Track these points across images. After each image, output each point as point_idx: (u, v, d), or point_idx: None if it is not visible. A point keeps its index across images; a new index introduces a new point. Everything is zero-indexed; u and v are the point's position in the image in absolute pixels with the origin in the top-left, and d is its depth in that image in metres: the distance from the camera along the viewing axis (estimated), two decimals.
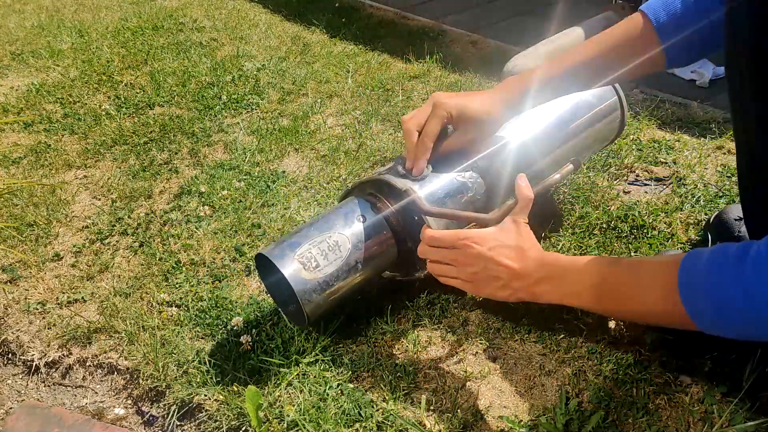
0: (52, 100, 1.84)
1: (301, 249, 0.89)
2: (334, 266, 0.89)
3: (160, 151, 1.55)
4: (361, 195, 0.99)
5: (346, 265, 0.90)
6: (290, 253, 0.89)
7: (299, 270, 0.87)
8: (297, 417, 0.85)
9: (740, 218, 1.00)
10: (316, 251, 0.89)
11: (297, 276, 0.87)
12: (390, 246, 0.95)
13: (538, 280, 0.78)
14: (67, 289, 1.16)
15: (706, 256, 0.62)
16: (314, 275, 0.88)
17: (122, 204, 1.37)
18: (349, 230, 0.92)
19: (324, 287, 0.89)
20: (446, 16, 2.33)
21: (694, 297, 0.63)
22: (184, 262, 1.18)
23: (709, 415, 0.80)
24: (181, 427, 0.94)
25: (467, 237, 0.82)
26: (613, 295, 0.73)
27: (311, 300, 0.89)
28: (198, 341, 1.02)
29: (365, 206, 0.96)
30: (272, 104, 1.73)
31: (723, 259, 0.60)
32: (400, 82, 1.77)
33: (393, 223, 0.95)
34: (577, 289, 0.76)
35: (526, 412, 0.84)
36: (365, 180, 0.99)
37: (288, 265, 0.88)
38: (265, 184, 1.37)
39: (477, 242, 0.81)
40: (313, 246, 0.90)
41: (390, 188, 0.94)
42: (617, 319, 0.92)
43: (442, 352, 0.95)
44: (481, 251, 0.81)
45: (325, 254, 0.89)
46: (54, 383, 1.06)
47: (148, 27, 2.34)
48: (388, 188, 0.95)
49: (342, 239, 0.91)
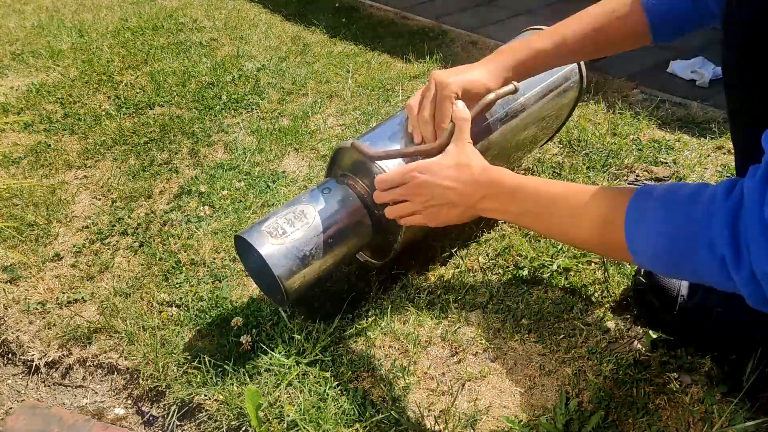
0: (52, 100, 1.84)
1: (268, 221, 0.93)
2: (300, 232, 0.92)
3: (160, 151, 1.55)
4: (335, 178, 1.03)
5: (314, 230, 0.93)
6: (258, 226, 0.93)
7: (266, 238, 0.90)
8: (297, 417, 0.85)
9: None
10: (282, 221, 0.93)
11: (264, 243, 0.90)
12: (358, 213, 0.98)
13: (484, 197, 0.79)
14: (67, 289, 1.16)
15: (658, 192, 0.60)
16: (281, 241, 0.91)
17: (122, 204, 1.37)
18: (314, 201, 0.96)
19: (294, 252, 0.91)
20: (446, 16, 2.33)
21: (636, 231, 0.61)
22: (184, 262, 1.18)
23: (709, 415, 0.80)
24: (181, 427, 0.94)
25: (412, 169, 0.84)
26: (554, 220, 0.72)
27: (284, 265, 0.90)
28: (198, 341, 1.02)
29: (331, 182, 1.00)
30: (272, 104, 1.73)
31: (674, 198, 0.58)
32: (400, 82, 1.77)
33: (358, 190, 0.98)
34: (520, 209, 0.76)
35: (526, 412, 0.84)
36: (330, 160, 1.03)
37: (255, 236, 0.91)
38: (265, 184, 1.37)
39: (421, 171, 0.83)
40: (279, 217, 0.93)
41: (350, 158, 0.98)
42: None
43: (442, 352, 0.95)
44: (426, 178, 0.82)
45: (291, 222, 0.93)
46: (54, 383, 1.06)
47: (148, 27, 2.34)
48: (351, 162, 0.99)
49: (308, 209, 0.94)
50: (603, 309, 0.97)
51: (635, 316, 0.95)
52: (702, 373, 0.85)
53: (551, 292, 1.01)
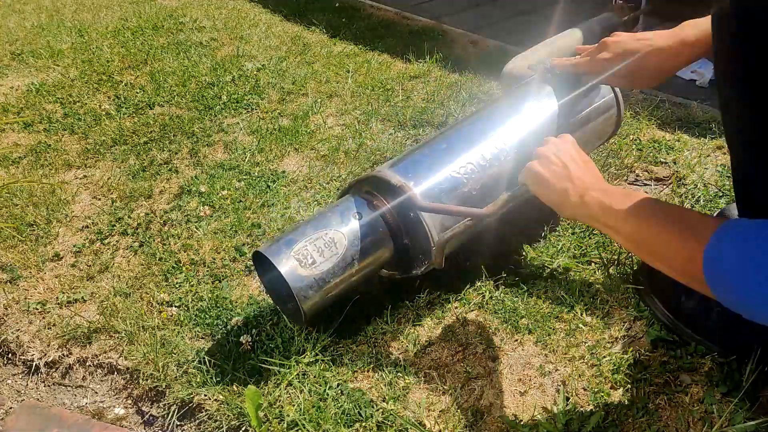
0: (52, 100, 1.84)
1: (297, 246, 0.90)
2: (330, 263, 0.90)
3: (160, 151, 1.55)
4: (358, 193, 0.99)
5: (342, 262, 0.91)
6: (286, 250, 0.90)
7: (296, 267, 0.88)
8: (297, 417, 0.85)
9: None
10: (312, 248, 0.90)
11: (293, 273, 0.88)
12: (386, 242, 0.96)
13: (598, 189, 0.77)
14: (67, 289, 1.16)
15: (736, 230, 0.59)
16: (310, 272, 0.89)
17: (122, 204, 1.37)
18: (345, 227, 0.93)
19: (320, 284, 0.89)
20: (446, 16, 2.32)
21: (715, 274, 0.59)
22: (184, 262, 1.18)
23: (709, 415, 0.80)
24: (181, 427, 0.94)
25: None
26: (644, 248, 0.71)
27: (308, 296, 0.89)
28: (198, 341, 1.02)
29: (361, 204, 0.96)
30: (272, 104, 1.73)
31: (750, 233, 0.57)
32: (400, 82, 1.77)
33: (389, 219, 0.96)
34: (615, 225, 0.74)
35: (526, 412, 0.84)
36: (362, 178, 0.99)
37: (284, 262, 0.88)
38: (265, 184, 1.37)
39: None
40: (309, 243, 0.90)
41: (385, 185, 0.95)
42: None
43: (442, 352, 0.95)
44: (566, 145, 0.84)
45: (321, 251, 0.90)
46: (54, 383, 1.06)
47: (148, 27, 2.34)
48: (383, 185, 0.95)
49: (338, 236, 0.92)
50: (603, 309, 0.97)
51: (635, 316, 0.95)
52: (702, 373, 0.85)
53: (551, 292, 1.01)
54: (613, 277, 1.01)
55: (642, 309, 0.95)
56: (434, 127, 1.54)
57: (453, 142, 0.99)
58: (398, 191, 0.92)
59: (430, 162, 0.96)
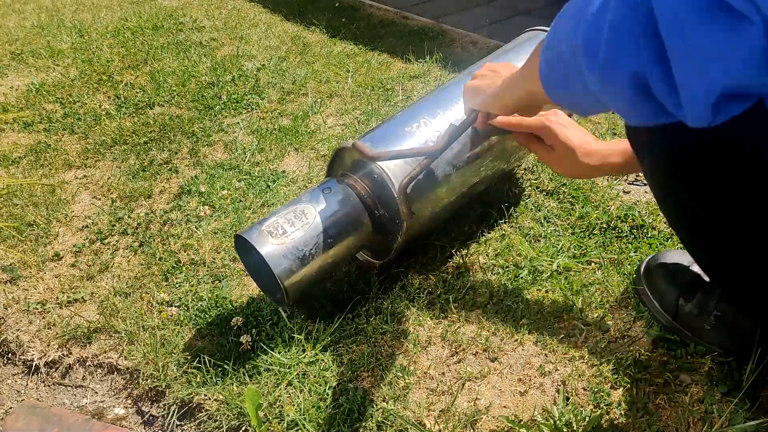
0: (52, 99, 1.84)
1: (269, 221, 0.93)
2: (301, 231, 0.92)
3: (160, 150, 1.55)
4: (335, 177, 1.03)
5: (314, 230, 0.93)
6: (258, 226, 0.93)
7: (266, 237, 0.90)
8: (297, 417, 0.85)
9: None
10: (283, 220, 0.93)
11: (264, 243, 0.90)
12: (360, 214, 0.98)
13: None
14: (67, 289, 1.16)
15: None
16: (281, 240, 0.91)
17: (122, 204, 1.37)
18: (315, 202, 0.96)
19: (294, 252, 0.91)
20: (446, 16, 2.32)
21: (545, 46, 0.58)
22: (184, 262, 1.18)
23: (709, 415, 0.80)
24: (181, 427, 0.94)
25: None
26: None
27: (283, 265, 0.90)
28: (198, 341, 1.02)
29: (332, 182, 1.00)
30: (272, 104, 1.73)
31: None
32: (400, 81, 1.77)
33: (360, 192, 0.98)
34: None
35: (526, 412, 0.84)
36: (330, 159, 1.04)
37: (255, 235, 0.91)
38: (265, 183, 1.37)
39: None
40: (279, 217, 0.94)
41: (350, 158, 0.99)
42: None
43: (442, 352, 0.95)
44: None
45: (292, 221, 0.93)
46: (54, 383, 1.06)
47: (148, 27, 2.34)
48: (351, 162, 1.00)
49: (308, 208, 0.95)
50: (603, 309, 0.97)
51: (635, 316, 0.95)
52: (702, 373, 0.85)
53: (551, 292, 1.01)
54: (612, 277, 1.01)
55: (642, 309, 0.95)
56: None
57: (414, 111, 1.05)
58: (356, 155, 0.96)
59: (390, 128, 1.02)
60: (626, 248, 1.07)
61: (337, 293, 1.08)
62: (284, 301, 0.94)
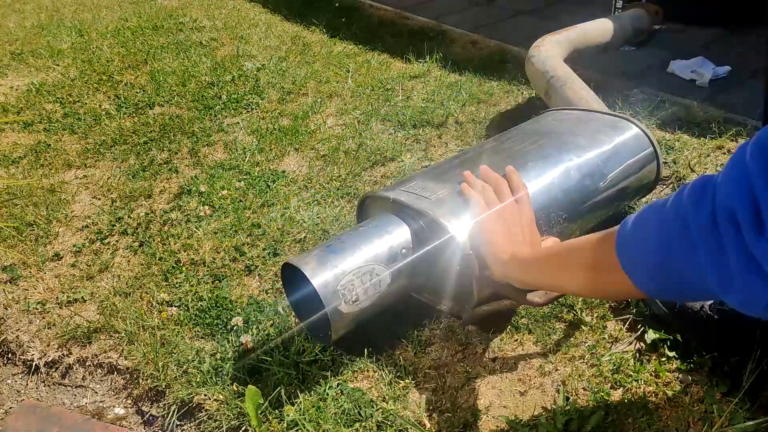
0: (51, 99, 1.84)
1: (345, 279, 0.87)
2: (370, 301, 0.89)
3: (160, 150, 1.55)
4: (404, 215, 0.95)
5: (381, 299, 0.91)
6: (333, 282, 0.86)
7: (339, 303, 0.86)
8: (297, 417, 0.85)
9: None
10: (358, 283, 0.88)
11: (336, 310, 0.86)
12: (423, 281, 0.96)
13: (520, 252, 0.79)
14: (67, 289, 1.16)
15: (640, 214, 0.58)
16: (351, 309, 0.88)
17: (122, 204, 1.37)
18: (391, 264, 0.90)
19: (355, 319, 0.89)
20: (446, 16, 2.32)
21: (625, 245, 0.58)
22: (184, 262, 1.18)
23: (709, 414, 0.80)
24: (181, 426, 0.94)
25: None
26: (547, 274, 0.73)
27: (340, 328, 0.88)
28: (198, 341, 1.02)
29: (406, 232, 0.93)
30: (272, 104, 1.73)
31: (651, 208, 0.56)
32: (400, 81, 1.77)
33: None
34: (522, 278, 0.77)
35: (526, 412, 0.84)
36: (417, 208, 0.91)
37: (330, 297, 0.85)
38: (265, 183, 1.37)
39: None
40: (356, 277, 0.88)
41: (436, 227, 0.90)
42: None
43: (442, 352, 0.95)
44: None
45: (366, 290, 0.89)
46: (54, 383, 1.06)
47: (148, 27, 2.34)
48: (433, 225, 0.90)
49: (384, 276, 0.90)
50: (603, 309, 0.97)
51: (635, 316, 0.95)
52: (702, 373, 0.85)
53: None
54: None
55: (642, 309, 0.95)
56: (434, 127, 1.54)
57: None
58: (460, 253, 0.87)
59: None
60: None
61: None
62: (319, 339, 0.94)
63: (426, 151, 1.46)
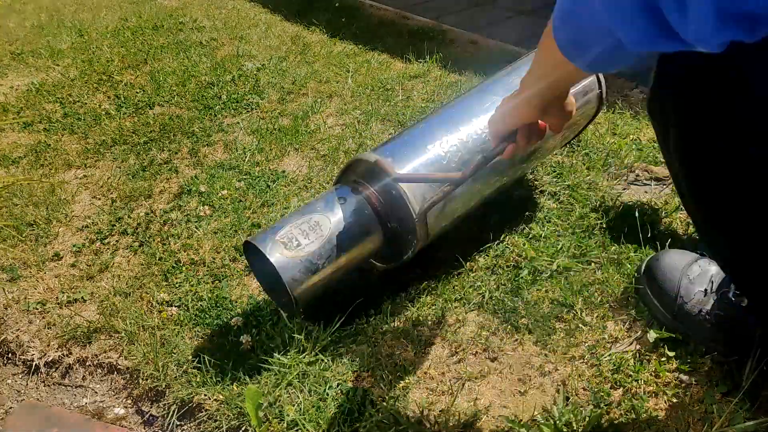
0: (51, 99, 1.84)
1: (283, 231, 0.92)
2: (315, 244, 0.91)
3: (159, 150, 1.55)
4: (346, 183, 1.01)
5: (329, 243, 0.92)
6: (272, 235, 0.91)
7: (280, 249, 0.89)
8: (297, 417, 0.85)
9: None
10: (297, 231, 0.92)
11: (278, 256, 0.89)
12: (373, 226, 0.97)
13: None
14: (66, 289, 1.16)
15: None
16: (296, 253, 0.90)
17: (122, 204, 1.37)
18: (329, 212, 0.95)
19: (307, 266, 0.90)
20: (446, 16, 2.32)
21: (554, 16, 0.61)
22: (184, 262, 1.18)
23: (709, 415, 0.80)
24: (181, 426, 0.94)
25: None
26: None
27: (296, 278, 0.90)
28: (198, 341, 1.02)
29: (346, 191, 0.99)
30: (272, 104, 1.73)
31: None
32: (400, 81, 1.77)
33: (374, 203, 0.97)
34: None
35: (525, 412, 0.84)
36: (346, 165, 1.01)
37: (269, 246, 0.90)
38: (265, 183, 1.37)
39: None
40: (294, 227, 0.92)
41: (369, 170, 0.97)
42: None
43: (442, 352, 0.95)
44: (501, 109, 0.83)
45: (306, 233, 0.91)
46: (54, 383, 1.06)
47: (148, 27, 2.34)
48: (367, 171, 0.98)
49: (322, 219, 0.93)
50: (603, 309, 0.97)
51: (635, 316, 0.95)
52: (702, 373, 0.85)
53: (551, 292, 1.01)
54: (612, 277, 1.01)
55: (642, 309, 0.95)
56: None
57: (433, 125, 1.02)
58: (376, 169, 0.94)
59: (411, 142, 1.00)
60: (626, 248, 1.07)
61: (337, 293, 1.08)
62: (291, 308, 0.95)
63: None
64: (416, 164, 0.96)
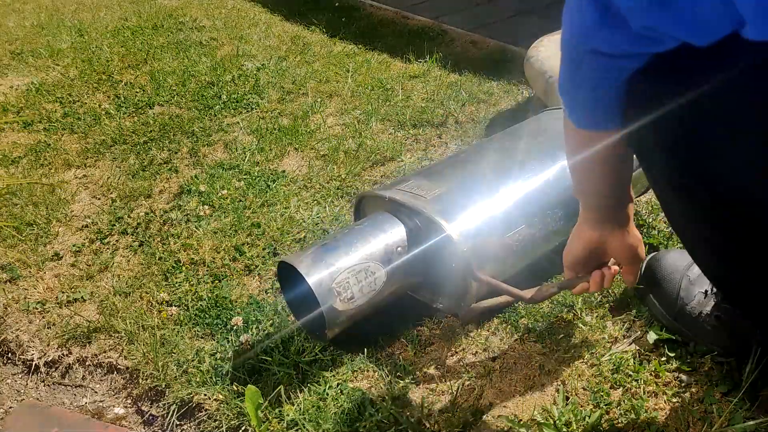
0: (51, 99, 1.84)
1: (340, 277, 0.87)
2: (366, 298, 0.89)
3: (159, 150, 1.55)
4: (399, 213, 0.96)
5: (377, 297, 0.91)
6: (328, 280, 0.87)
7: (335, 300, 0.87)
8: (297, 417, 0.85)
9: None
10: (353, 281, 0.88)
11: (331, 307, 0.87)
12: (419, 274, 0.96)
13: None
14: (66, 289, 1.16)
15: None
16: (346, 306, 0.88)
17: (122, 203, 1.37)
18: (387, 263, 0.91)
19: (351, 317, 0.90)
20: (446, 15, 2.32)
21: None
22: (183, 262, 1.18)
23: (708, 414, 0.80)
24: (181, 426, 0.94)
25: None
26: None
27: (335, 326, 0.89)
28: (198, 341, 1.02)
29: (402, 232, 0.93)
30: (272, 104, 1.73)
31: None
32: (400, 81, 1.77)
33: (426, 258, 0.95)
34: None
35: (526, 411, 0.84)
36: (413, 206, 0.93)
37: (326, 295, 0.86)
38: (265, 183, 1.37)
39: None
40: (351, 275, 0.88)
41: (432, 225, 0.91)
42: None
43: (442, 352, 0.95)
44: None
45: (361, 287, 0.89)
46: (53, 383, 1.06)
47: (147, 26, 2.34)
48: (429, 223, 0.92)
49: (379, 274, 0.90)
50: (603, 309, 0.97)
51: (635, 316, 0.95)
52: (702, 373, 0.85)
53: None
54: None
55: (642, 309, 0.95)
56: (434, 127, 1.54)
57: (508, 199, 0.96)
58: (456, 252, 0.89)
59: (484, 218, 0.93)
60: None
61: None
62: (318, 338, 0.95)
63: (426, 150, 1.46)
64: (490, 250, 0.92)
